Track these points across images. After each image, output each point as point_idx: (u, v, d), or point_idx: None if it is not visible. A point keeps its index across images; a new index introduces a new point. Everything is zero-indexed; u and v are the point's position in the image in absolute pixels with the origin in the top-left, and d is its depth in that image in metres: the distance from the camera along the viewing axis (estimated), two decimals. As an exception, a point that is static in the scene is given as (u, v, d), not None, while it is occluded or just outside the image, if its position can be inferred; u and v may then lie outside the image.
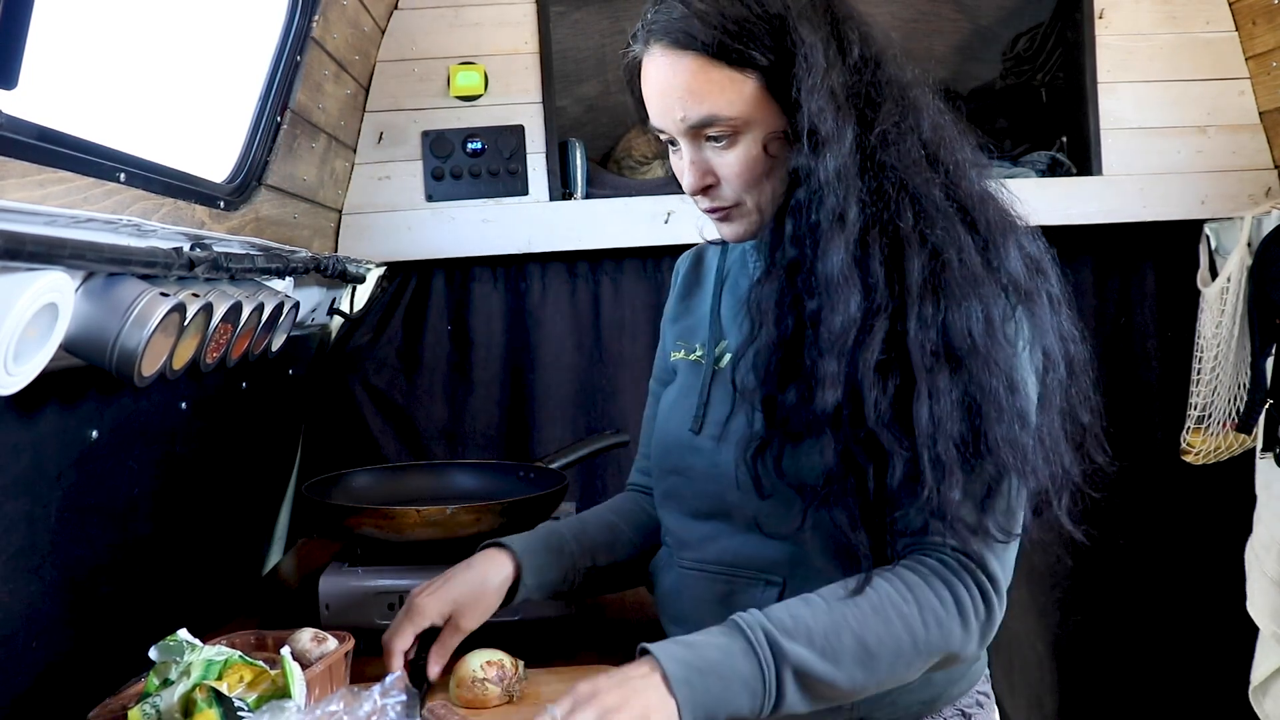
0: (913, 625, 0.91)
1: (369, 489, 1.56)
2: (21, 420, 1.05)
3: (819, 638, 0.89)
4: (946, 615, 0.93)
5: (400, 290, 2.16)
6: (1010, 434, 0.91)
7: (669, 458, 1.13)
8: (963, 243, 0.95)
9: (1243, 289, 1.95)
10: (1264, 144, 2.12)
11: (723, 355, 1.11)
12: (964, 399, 0.91)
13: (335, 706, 0.91)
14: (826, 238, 0.94)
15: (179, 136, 1.32)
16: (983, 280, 0.94)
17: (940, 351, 0.92)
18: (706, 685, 0.86)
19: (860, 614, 0.91)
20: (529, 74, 2.09)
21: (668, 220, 2.08)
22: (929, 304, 0.92)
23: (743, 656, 0.87)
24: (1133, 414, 2.18)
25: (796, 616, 0.90)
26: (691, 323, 1.19)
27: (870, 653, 0.90)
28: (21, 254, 0.82)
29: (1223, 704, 2.15)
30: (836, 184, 0.95)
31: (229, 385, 1.62)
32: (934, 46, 2.41)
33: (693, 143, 1.01)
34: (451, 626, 1.12)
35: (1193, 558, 2.20)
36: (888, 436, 0.91)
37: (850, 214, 0.95)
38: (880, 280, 0.94)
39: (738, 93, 0.97)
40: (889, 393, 0.92)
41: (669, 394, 1.18)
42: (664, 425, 1.16)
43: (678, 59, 0.97)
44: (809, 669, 0.88)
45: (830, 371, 0.93)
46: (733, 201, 1.03)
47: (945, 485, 0.90)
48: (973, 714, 1.11)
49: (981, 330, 0.92)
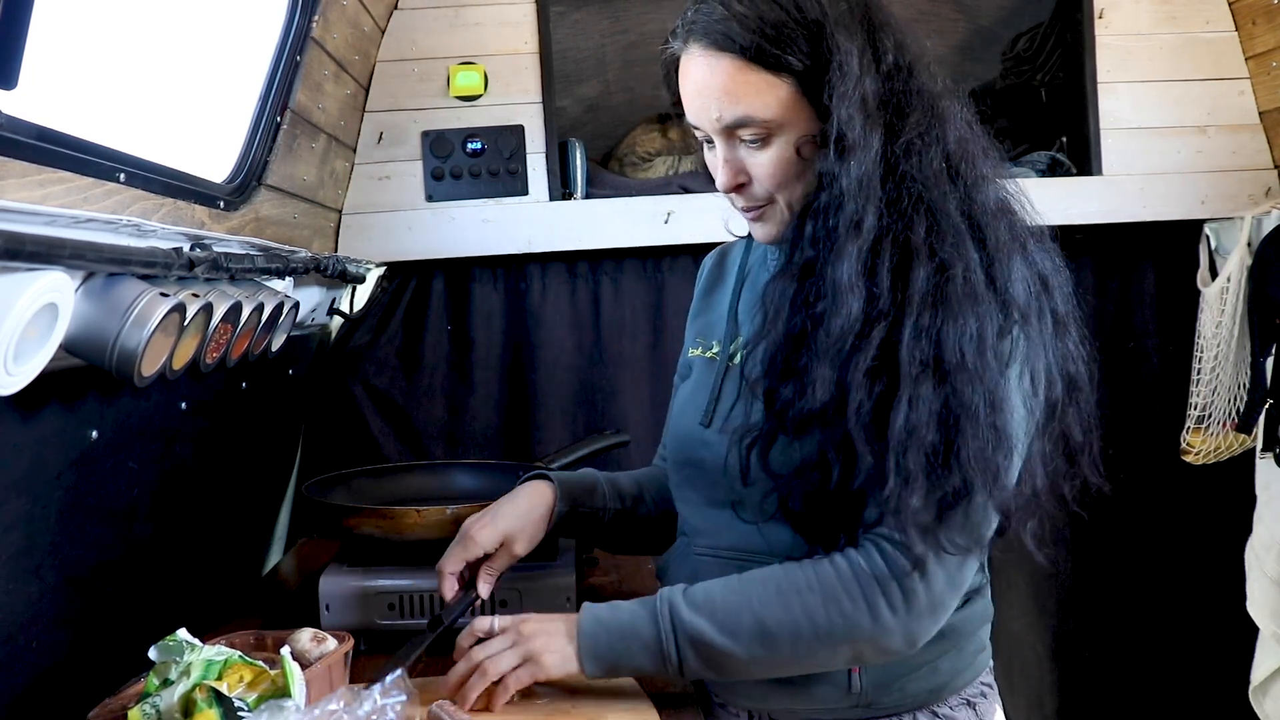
0: (813, 612, 0.98)
1: (369, 489, 1.56)
2: (21, 420, 1.05)
3: (720, 613, 0.99)
4: (853, 609, 0.97)
5: (400, 290, 2.16)
6: (983, 451, 0.93)
7: (682, 450, 1.17)
8: (969, 259, 0.96)
9: (1243, 289, 1.95)
10: (1264, 144, 2.12)
11: (737, 352, 1.14)
12: (942, 411, 0.93)
13: (335, 706, 0.91)
14: (841, 243, 0.97)
15: (179, 136, 1.32)
16: (982, 298, 0.95)
17: (929, 362, 0.94)
18: (610, 642, 1.01)
19: (765, 595, 0.99)
20: (529, 74, 2.09)
21: (668, 220, 2.08)
22: (926, 315, 0.95)
23: (647, 623, 1.01)
24: (1133, 414, 2.18)
25: (708, 592, 1.01)
26: (711, 319, 1.22)
27: (769, 632, 0.98)
28: (21, 254, 0.82)
29: (1223, 704, 2.15)
30: (858, 191, 0.97)
31: (229, 385, 1.62)
32: (934, 46, 2.38)
33: (727, 142, 1.04)
34: (504, 551, 1.19)
35: (1193, 558, 2.20)
36: (861, 437, 0.94)
37: (867, 222, 0.97)
38: (885, 288, 0.96)
39: (773, 96, 0.99)
40: (873, 396, 0.95)
41: (684, 389, 1.21)
42: (678, 419, 1.20)
43: (716, 60, 1.00)
44: (707, 640, 0.99)
45: (823, 372, 0.96)
46: (765, 200, 1.06)
47: (906, 491, 0.92)
48: (977, 704, 1.13)
49: (973, 347, 0.94)
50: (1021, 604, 2.23)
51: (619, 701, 1.12)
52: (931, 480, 0.93)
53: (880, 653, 1.00)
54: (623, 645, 1.01)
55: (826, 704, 1.08)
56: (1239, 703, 2.05)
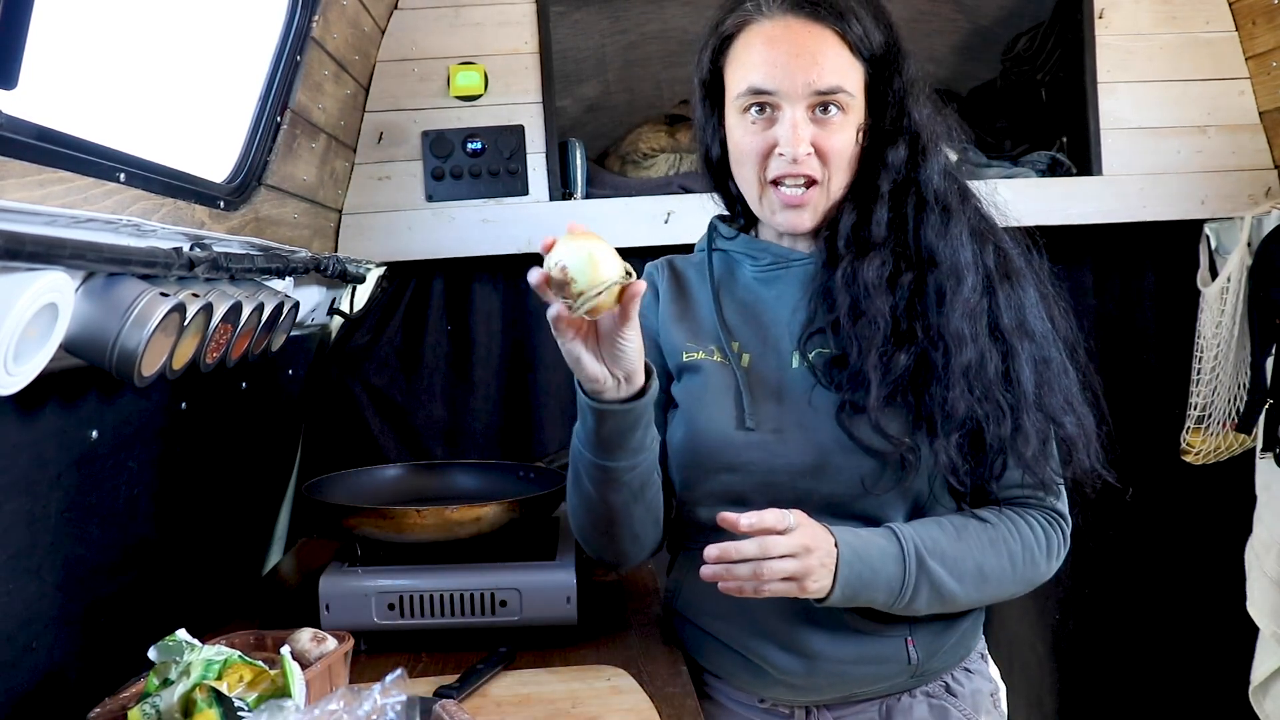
0: (1016, 559, 1.14)
1: (369, 489, 1.56)
2: (21, 420, 1.05)
3: (950, 560, 1.11)
4: (1040, 553, 1.16)
5: (400, 290, 2.16)
6: (1066, 394, 1.14)
7: (718, 456, 1.17)
8: (1004, 239, 1.17)
9: (1243, 289, 1.95)
10: (1264, 144, 2.12)
11: (742, 355, 1.19)
12: (1037, 366, 1.12)
13: (335, 706, 0.91)
14: (940, 223, 1.13)
15: (179, 136, 1.32)
16: (1024, 272, 1.16)
17: (1018, 327, 1.13)
18: (860, 573, 1.07)
19: (981, 545, 1.13)
20: (529, 74, 2.09)
21: (668, 220, 2.09)
22: (1004, 287, 1.14)
23: (894, 562, 1.09)
24: (1133, 414, 2.17)
25: (936, 539, 1.11)
26: (694, 325, 1.24)
27: (985, 577, 1.13)
28: (21, 254, 0.82)
29: (1223, 704, 2.15)
30: (941, 180, 1.14)
31: (229, 385, 1.62)
32: (934, 46, 2.41)
33: (807, 111, 1.12)
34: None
35: (1193, 558, 2.20)
36: (1001, 392, 1.10)
37: (954, 204, 1.14)
38: (983, 262, 1.13)
39: (856, 75, 1.13)
40: (999, 355, 1.11)
41: (693, 395, 1.20)
42: (705, 427, 1.18)
43: (815, 27, 1.12)
44: (940, 583, 1.10)
45: (964, 331, 1.09)
46: (820, 176, 1.14)
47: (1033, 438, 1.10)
48: (985, 656, 1.30)
49: (1036, 310, 1.15)
50: (1021, 604, 2.23)
51: (619, 701, 1.12)
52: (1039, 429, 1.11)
53: (1033, 588, 1.19)
54: (871, 576, 1.08)
55: (888, 680, 1.18)
56: (1239, 703, 2.05)
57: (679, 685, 1.17)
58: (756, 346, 1.19)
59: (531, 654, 1.27)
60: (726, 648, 1.21)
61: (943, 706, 1.20)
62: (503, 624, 1.30)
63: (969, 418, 1.09)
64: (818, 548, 1.05)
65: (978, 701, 1.23)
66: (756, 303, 1.22)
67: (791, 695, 1.19)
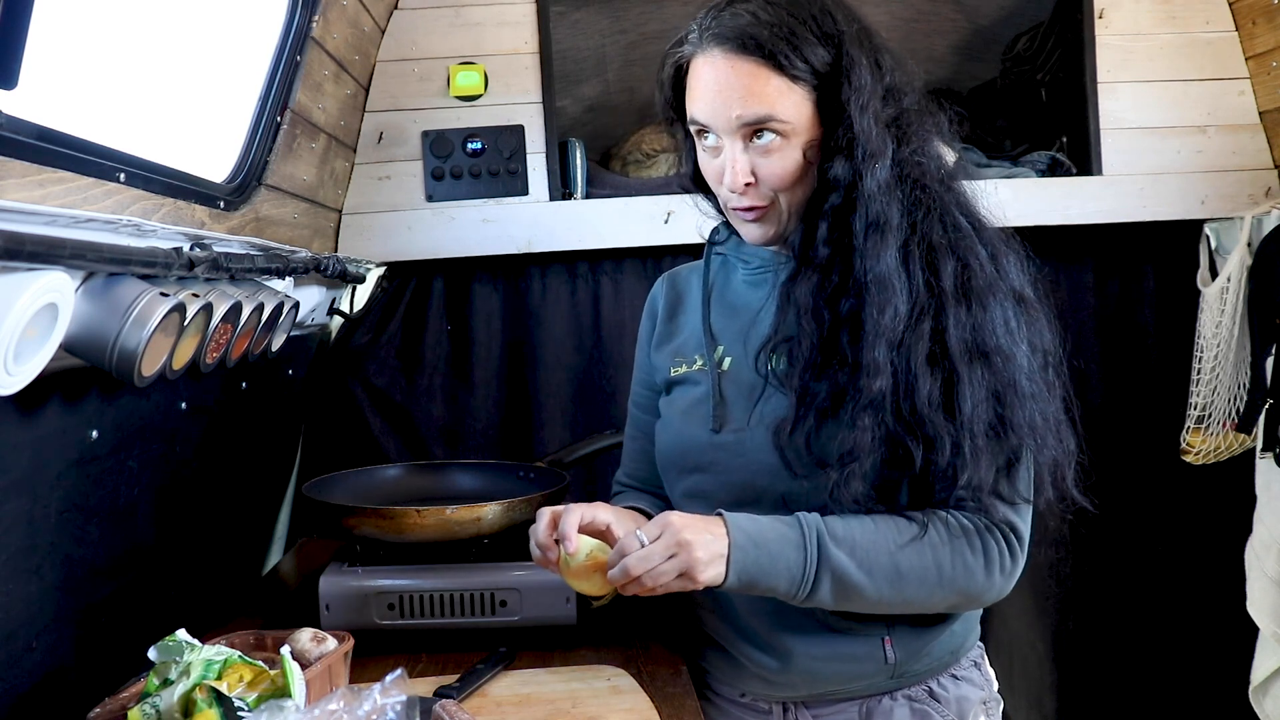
0: (942, 563, 1.07)
1: (369, 489, 1.56)
2: (21, 420, 1.05)
3: (860, 550, 1.05)
4: (974, 563, 1.08)
5: (400, 290, 2.16)
6: (1029, 418, 1.06)
7: (688, 458, 1.20)
8: (980, 254, 1.10)
9: (1243, 289, 1.95)
10: (1264, 144, 2.12)
11: (722, 360, 1.20)
12: (992, 389, 1.06)
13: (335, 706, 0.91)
14: (873, 242, 1.07)
15: (179, 136, 1.32)
16: (997, 288, 1.09)
17: (973, 348, 1.06)
18: (756, 558, 1.04)
19: (900, 540, 1.06)
20: (529, 74, 2.09)
21: (668, 220, 2.09)
22: (961, 306, 1.07)
23: (794, 547, 1.05)
24: (1133, 414, 2.18)
25: (848, 529, 1.06)
26: (681, 342, 1.27)
27: (901, 574, 1.06)
28: (21, 254, 0.82)
29: (1223, 704, 2.15)
30: (880, 195, 1.08)
31: (229, 385, 1.62)
32: (934, 46, 2.41)
33: (740, 142, 1.10)
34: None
35: (1193, 558, 2.20)
36: (938, 421, 1.04)
37: (893, 222, 1.08)
38: (920, 283, 1.07)
39: (790, 99, 1.08)
40: (937, 382, 1.05)
41: (675, 405, 1.24)
42: (680, 431, 1.22)
43: (740, 62, 1.07)
44: (845, 574, 1.05)
45: (879, 360, 1.05)
46: (767, 201, 1.13)
47: (983, 464, 1.05)
48: (980, 664, 1.26)
49: (1002, 330, 1.07)
50: (1021, 604, 2.23)
51: (619, 701, 1.12)
52: (994, 449, 1.06)
53: (975, 602, 1.12)
54: (769, 564, 1.04)
55: (865, 679, 1.17)
56: (1239, 703, 2.05)
57: (679, 685, 1.17)
58: (739, 349, 1.20)
59: (531, 654, 1.27)
60: (709, 639, 1.25)
61: (924, 710, 1.18)
62: (503, 624, 1.30)
63: (878, 450, 1.05)
64: (695, 540, 1.02)
65: (964, 708, 1.20)
66: (744, 306, 1.23)
67: (768, 690, 1.20)
